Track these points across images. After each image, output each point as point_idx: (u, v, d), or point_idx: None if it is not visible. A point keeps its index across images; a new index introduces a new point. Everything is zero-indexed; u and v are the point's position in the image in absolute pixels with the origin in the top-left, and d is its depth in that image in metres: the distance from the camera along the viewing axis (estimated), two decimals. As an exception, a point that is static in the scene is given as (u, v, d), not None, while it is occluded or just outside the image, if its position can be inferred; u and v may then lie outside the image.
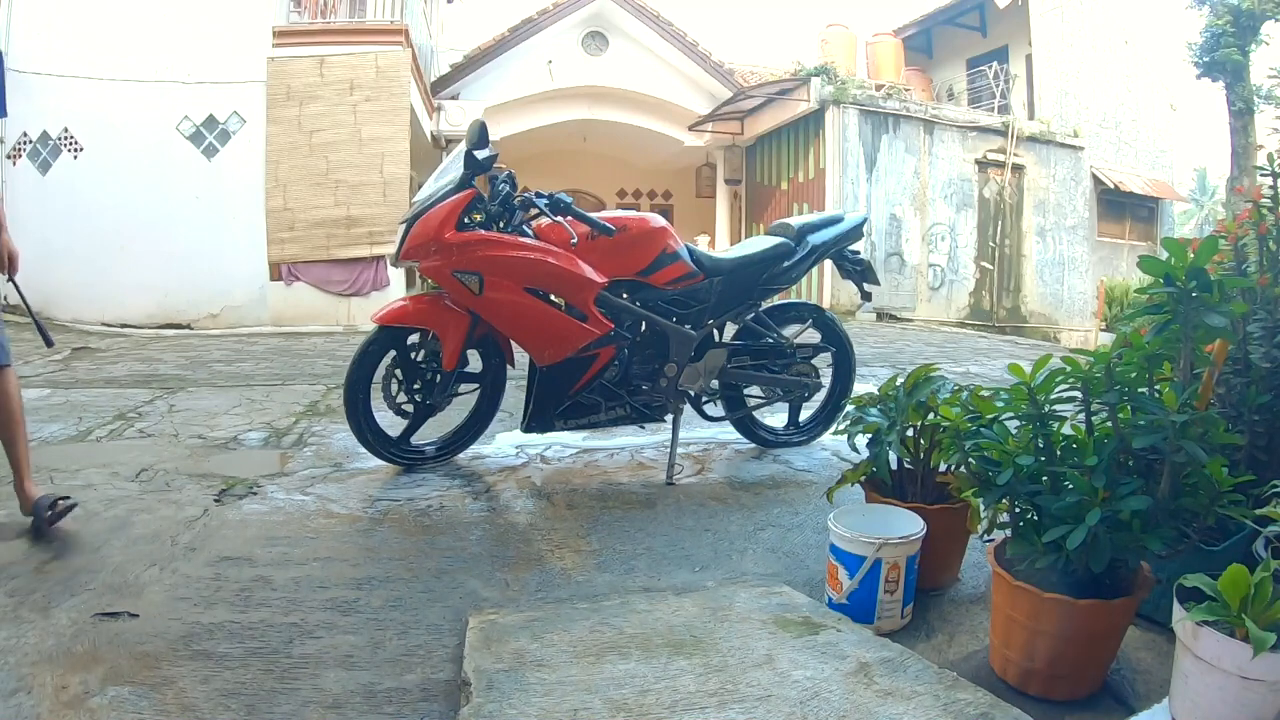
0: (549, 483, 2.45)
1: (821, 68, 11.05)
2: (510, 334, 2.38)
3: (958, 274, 11.65)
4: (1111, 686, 1.35)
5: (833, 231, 2.76)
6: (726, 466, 2.67)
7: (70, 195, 8.05)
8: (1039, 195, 12.19)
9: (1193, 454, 1.21)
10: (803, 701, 1.15)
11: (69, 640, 1.40)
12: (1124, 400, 1.32)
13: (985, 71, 12.51)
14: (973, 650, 1.49)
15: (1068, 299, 12.53)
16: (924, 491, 1.76)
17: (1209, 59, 11.16)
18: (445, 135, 11.09)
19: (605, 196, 15.70)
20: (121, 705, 1.22)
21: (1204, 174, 26.06)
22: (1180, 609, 1.11)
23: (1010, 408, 1.44)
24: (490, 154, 2.25)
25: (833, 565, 1.58)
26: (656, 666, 1.25)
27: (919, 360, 5.38)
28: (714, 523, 2.12)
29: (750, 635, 1.37)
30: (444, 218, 2.21)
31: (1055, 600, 1.26)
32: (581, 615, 1.47)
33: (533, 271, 2.24)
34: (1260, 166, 1.55)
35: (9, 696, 1.23)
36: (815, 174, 11.26)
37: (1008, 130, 11.66)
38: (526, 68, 12.04)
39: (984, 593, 1.70)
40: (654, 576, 1.79)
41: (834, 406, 2.90)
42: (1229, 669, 1.04)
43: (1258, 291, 1.49)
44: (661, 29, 12.41)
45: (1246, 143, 11.02)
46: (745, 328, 2.72)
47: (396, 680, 1.33)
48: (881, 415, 1.79)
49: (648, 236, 2.42)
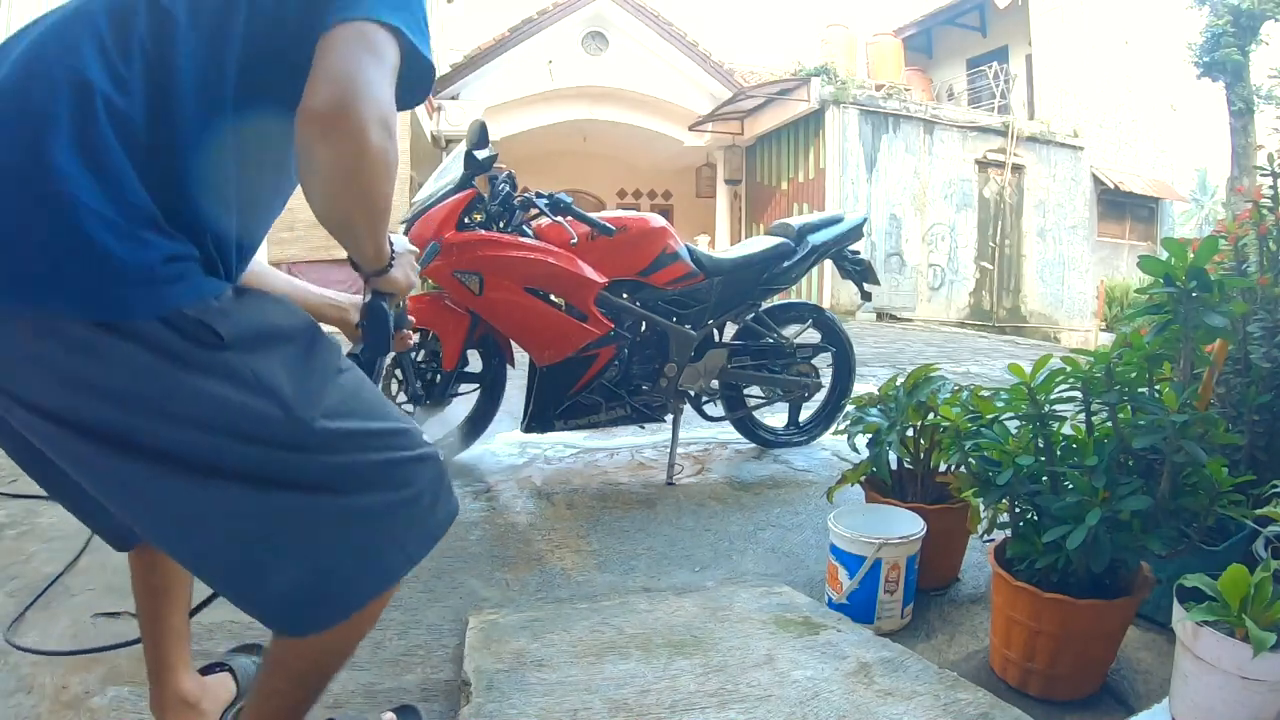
0: (549, 483, 2.45)
1: (821, 68, 11.06)
2: (510, 334, 2.38)
3: (958, 274, 11.66)
4: (1111, 686, 1.35)
5: (833, 231, 2.77)
6: (726, 466, 2.67)
7: (70, 195, 8.05)
8: (1039, 195, 12.19)
9: (1193, 454, 1.21)
10: (803, 701, 1.16)
11: (69, 641, 1.40)
12: (1124, 400, 1.32)
13: (985, 71, 12.51)
14: (973, 650, 1.50)
15: (1068, 299, 12.53)
16: (924, 491, 1.76)
17: (1209, 59, 11.15)
18: (445, 135, 11.08)
19: (605, 196, 15.70)
20: (121, 705, 1.22)
21: (1204, 174, 26.04)
22: (1180, 609, 1.11)
23: (1010, 408, 1.44)
24: (490, 154, 2.25)
25: (833, 565, 1.58)
26: (656, 666, 1.25)
27: (919, 360, 5.38)
28: (714, 523, 2.12)
29: (750, 635, 1.37)
30: (444, 218, 2.21)
31: (1055, 600, 1.26)
32: (581, 615, 1.47)
33: (533, 271, 2.24)
34: (1260, 166, 1.55)
35: (9, 696, 1.23)
36: (815, 174, 11.27)
37: (1008, 130, 11.67)
38: (526, 68, 12.05)
39: (984, 593, 1.70)
40: (654, 576, 1.79)
41: (834, 406, 2.90)
42: (1229, 669, 1.04)
43: (1258, 291, 1.49)
44: (661, 29, 12.41)
45: (1246, 143, 11.02)
46: (745, 328, 2.72)
47: (396, 680, 1.33)
48: (881, 415, 1.79)
49: (648, 236, 2.42)
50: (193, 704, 1.09)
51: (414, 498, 0.85)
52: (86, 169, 0.68)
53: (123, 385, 0.69)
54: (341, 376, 0.83)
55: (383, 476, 0.82)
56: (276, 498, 0.76)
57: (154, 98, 0.72)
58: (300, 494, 0.77)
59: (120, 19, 0.74)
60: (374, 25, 0.76)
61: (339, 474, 0.79)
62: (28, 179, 0.67)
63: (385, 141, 0.74)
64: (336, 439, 0.78)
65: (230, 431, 0.73)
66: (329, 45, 0.75)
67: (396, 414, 0.88)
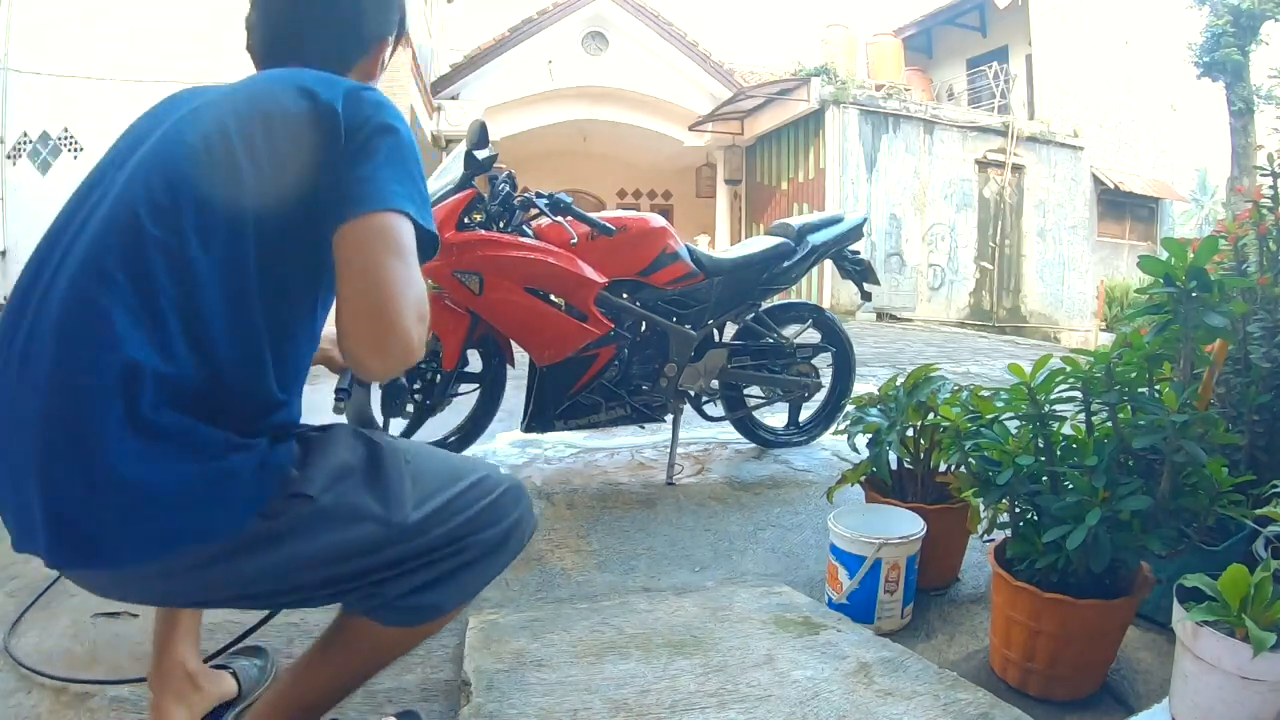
0: (549, 482, 2.45)
1: (821, 68, 11.05)
2: (510, 334, 2.38)
3: (958, 274, 11.65)
4: (1111, 686, 1.35)
5: (833, 231, 2.76)
6: (726, 466, 2.67)
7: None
8: (1039, 195, 12.19)
9: (1193, 454, 1.21)
10: (803, 701, 1.15)
11: (69, 640, 1.40)
12: (1124, 400, 1.32)
13: (985, 71, 12.51)
14: (973, 650, 1.50)
15: (1068, 299, 12.53)
16: (924, 491, 1.76)
17: (1209, 59, 11.15)
18: (445, 135, 11.08)
19: (605, 196, 15.70)
20: (121, 705, 1.22)
21: (1204, 174, 26.04)
22: (1180, 609, 1.11)
23: (1010, 408, 1.44)
24: (490, 154, 2.25)
25: (833, 565, 1.58)
26: (656, 666, 1.25)
27: (919, 360, 5.38)
28: (714, 523, 2.12)
29: (750, 635, 1.37)
30: (444, 218, 2.21)
31: (1055, 600, 1.26)
32: (581, 615, 1.47)
33: (533, 271, 2.24)
34: (1260, 166, 1.55)
35: (9, 696, 1.23)
36: (815, 174, 11.27)
37: (1008, 130, 11.67)
38: (526, 68, 12.05)
39: (984, 593, 1.70)
40: (654, 576, 1.79)
41: (834, 406, 2.90)
42: (1229, 669, 1.04)
43: (1258, 291, 1.49)
44: (661, 29, 12.41)
45: (1246, 143, 11.02)
46: (745, 328, 2.72)
47: (396, 680, 1.33)
48: (881, 415, 1.79)
49: (648, 236, 2.42)
50: (192, 676, 1.11)
51: (509, 525, 0.97)
52: (155, 440, 0.71)
53: (254, 570, 0.80)
54: (409, 466, 0.91)
55: (481, 522, 0.93)
56: (400, 565, 0.88)
57: (195, 350, 0.76)
58: (420, 557, 0.89)
59: (138, 270, 0.74)
60: (390, 216, 0.79)
61: (445, 538, 0.90)
62: (97, 466, 0.70)
63: (424, 327, 0.80)
64: (432, 518, 0.89)
65: (351, 556, 0.84)
66: (352, 247, 0.77)
67: (467, 468, 0.98)
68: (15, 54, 7.96)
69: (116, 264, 0.73)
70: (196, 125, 0.81)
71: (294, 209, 0.80)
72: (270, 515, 0.78)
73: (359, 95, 0.85)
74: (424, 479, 0.91)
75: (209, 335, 0.76)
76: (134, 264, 0.74)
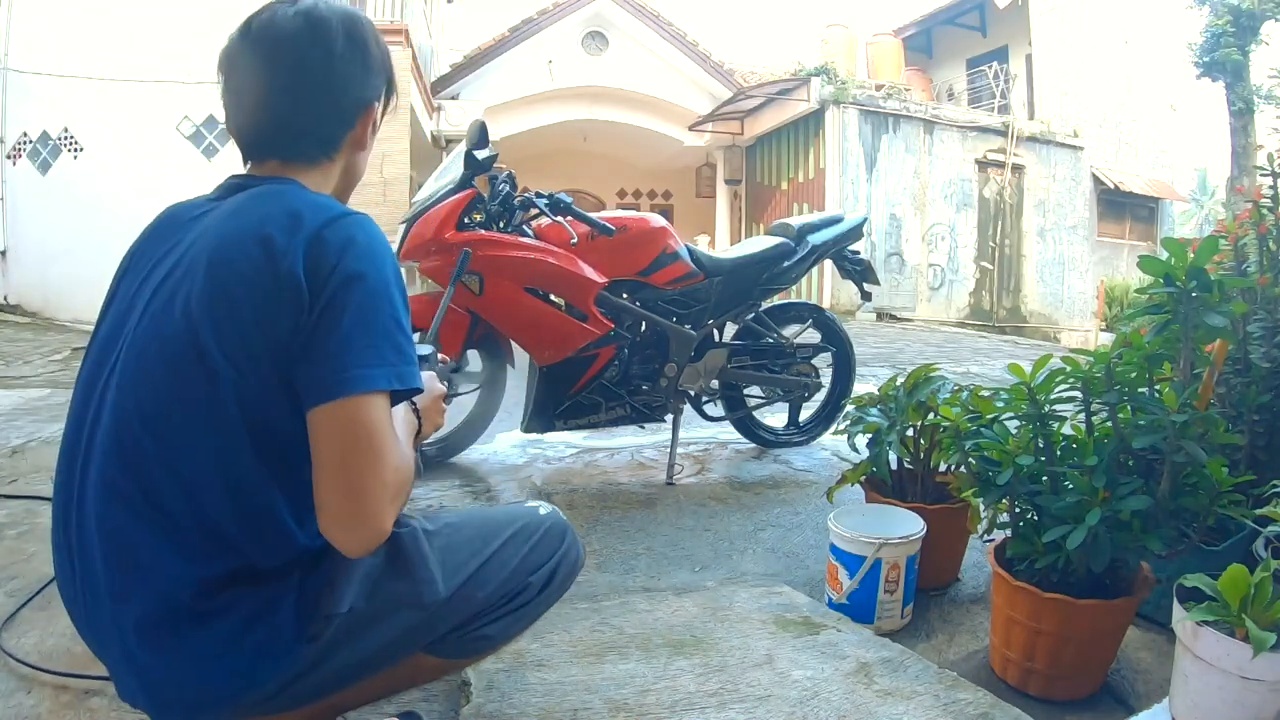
0: (549, 482, 2.45)
1: (821, 68, 11.06)
2: (510, 334, 2.38)
3: (958, 274, 11.66)
4: (1111, 686, 1.35)
5: (833, 231, 2.77)
6: (726, 466, 2.67)
7: (70, 195, 8.02)
8: (1039, 195, 12.20)
9: (1193, 454, 1.21)
10: (803, 701, 1.16)
11: (69, 640, 1.40)
12: (1124, 400, 1.32)
13: (985, 71, 12.52)
14: (973, 650, 1.50)
15: (1068, 299, 12.53)
16: (924, 491, 1.76)
17: (1209, 59, 11.15)
18: (445, 135, 11.08)
19: (605, 196, 15.71)
20: (122, 705, 1.22)
21: (1204, 174, 26.03)
22: (1180, 609, 1.11)
23: (1010, 408, 1.44)
24: (490, 154, 2.25)
25: (833, 565, 1.58)
26: (656, 666, 1.25)
27: (919, 360, 5.38)
28: (714, 523, 2.12)
29: (750, 635, 1.37)
30: (444, 218, 2.21)
31: (1055, 600, 1.26)
32: (581, 615, 1.47)
33: (533, 271, 2.24)
34: (1260, 166, 1.55)
35: (9, 696, 1.23)
36: (815, 174, 11.27)
37: (1008, 130, 11.67)
38: (526, 68, 12.05)
39: (984, 593, 1.70)
40: (654, 576, 1.79)
41: (834, 406, 2.90)
42: (1229, 669, 1.04)
43: (1258, 291, 1.49)
44: (661, 29, 12.41)
45: (1246, 143, 11.02)
46: (745, 328, 2.72)
47: (396, 680, 1.33)
48: (881, 415, 1.79)
49: (648, 236, 2.42)
50: None
51: (554, 564, 1.00)
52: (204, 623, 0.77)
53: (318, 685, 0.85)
54: (434, 541, 0.92)
55: (525, 568, 0.97)
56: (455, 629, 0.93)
57: (214, 542, 0.78)
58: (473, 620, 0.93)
59: (146, 485, 0.77)
60: (360, 401, 0.75)
61: (492, 596, 0.94)
62: (167, 659, 0.77)
63: (399, 504, 0.79)
64: (470, 584, 0.92)
65: (402, 643, 0.89)
66: (323, 435, 0.75)
67: (503, 521, 0.99)
68: (15, 54, 7.96)
69: (126, 482, 0.77)
70: (169, 319, 0.78)
71: (274, 386, 0.77)
72: (315, 637, 0.82)
73: (321, 240, 0.78)
74: (455, 550, 0.93)
75: (221, 529, 0.78)
76: (140, 478, 0.77)
